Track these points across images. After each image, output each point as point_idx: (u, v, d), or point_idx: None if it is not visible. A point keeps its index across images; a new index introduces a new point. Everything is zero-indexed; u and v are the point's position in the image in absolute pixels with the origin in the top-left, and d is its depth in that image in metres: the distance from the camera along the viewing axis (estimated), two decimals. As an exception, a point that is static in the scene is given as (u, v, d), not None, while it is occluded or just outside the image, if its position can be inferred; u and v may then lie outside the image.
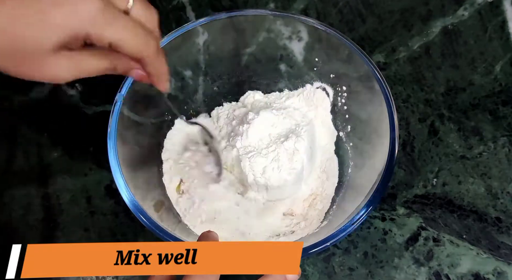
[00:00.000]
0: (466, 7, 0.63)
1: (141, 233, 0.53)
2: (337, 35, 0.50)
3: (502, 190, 0.54)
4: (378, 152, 0.47)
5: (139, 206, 0.43)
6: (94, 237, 0.53)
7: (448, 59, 0.61)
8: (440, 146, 0.57)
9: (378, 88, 0.48)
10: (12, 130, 0.58)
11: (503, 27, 0.62)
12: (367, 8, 0.64)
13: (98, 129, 0.49)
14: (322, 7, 0.64)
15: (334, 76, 0.54)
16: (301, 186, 0.52)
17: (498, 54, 0.61)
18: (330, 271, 0.51)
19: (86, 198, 0.55)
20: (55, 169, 0.56)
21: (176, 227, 0.48)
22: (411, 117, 0.58)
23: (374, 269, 0.51)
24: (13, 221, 0.54)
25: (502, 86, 0.59)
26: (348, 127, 0.54)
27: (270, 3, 0.64)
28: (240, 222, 0.50)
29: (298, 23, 0.52)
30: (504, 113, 0.58)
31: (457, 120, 0.58)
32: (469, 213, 0.53)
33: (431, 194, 0.54)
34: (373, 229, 0.53)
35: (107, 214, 0.54)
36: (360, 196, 0.45)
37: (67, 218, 0.54)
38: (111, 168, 0.45)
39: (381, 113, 0.47)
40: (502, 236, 0.52)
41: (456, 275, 0.51)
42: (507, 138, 0.57)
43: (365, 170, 0.50)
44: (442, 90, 0.59)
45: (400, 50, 0.61)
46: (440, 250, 0.52)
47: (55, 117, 0.59)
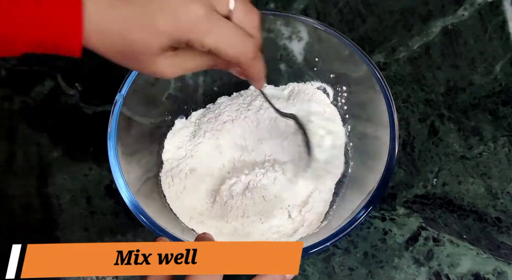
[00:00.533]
0: (466, 7, 0.63)
1: (141, 233, 0.53)
2: (337, 35, 0.50)
3: (502, 190, 0.54)
4: (378, 152, 0.47)
5: (139, 206, 0.44)
6: (94, 237, 0.53)
7: (448, 59, 0.61)
8: (440, 146, 0.57)
9: (378, 88, 0.48)
10: (12, 130, 0.58)
11: (503, 27, 0.62)
12: (367, 8, 0.64)
13: (98, 129, 0.49)
14: (322, 7, 0.64)
15: (334, 76, 0.54)
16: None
17: (498, 54, 0.61)
18: (330, 271, 0.51)
19: (86, 198, 0.55)
20: (55, 169, 0.56)
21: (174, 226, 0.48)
22: (411, 117, 0.58)
23: (374, 269, 0.51)
24: (13, 221, 0.54)
25: (502, 86, 0.59)
26: (348, 127, 0.54)
27: (270, 3, 0.64)
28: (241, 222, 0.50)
29: (298, 23, 0.52)
30: (504, 113, 0.58)
31: (457, 120, 0.58)
32: (469, 213, 0.53)
33: (431, 194, 0.54)
34: (373, 229, 0.53)
35: (107, 214, 0.54)
36: (360, 196, 0.45)
37: (67, 218, 0.54)
38: (111, 168, 0.45)
39: (381, 113, 0.47)
40: (502, 236, 0.52)
41: (456, 275, 0.51)
42: (507, 138, 0.57)
43: (365, 170, 0.50)
44: (442, 90, 0.59)
45: (400, 50, 0.61)
46: (440, 250, 0.52)
47: (55, 117, 0.59)
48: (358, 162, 0.52)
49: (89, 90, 0.60)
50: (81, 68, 0.60)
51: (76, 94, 0.60)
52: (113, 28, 0.32)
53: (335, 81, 0.54)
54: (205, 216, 0.51)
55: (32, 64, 0.61)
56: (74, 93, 0.60)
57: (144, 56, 0.34)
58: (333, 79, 0.54)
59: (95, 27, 0.32)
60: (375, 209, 0.52)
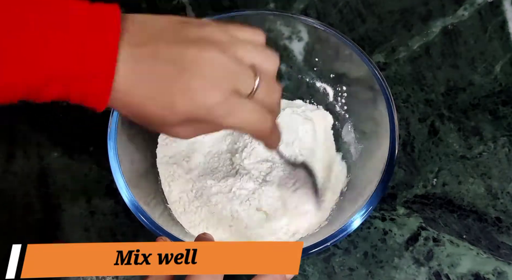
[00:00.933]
0: (466, 7, 0.63)
1: (141, 233, 0.53)
2: (337, 35, 0.50)
3: (502, 190, 0.54)
4: (378, 152, 0.47)
5: (139, 206, 0.44)
6: (94, 237, 0.53)
7: (448, 59, 0.61)
8: (440, 146, 0.57)
9: (378, 88, 0.48)
10: (12, 130, 0.58)
11: (503, 27, 0.62)
12: (367, 8, 0.64)
13: (98, 129, 0.49)
14: (322, 7, 0.64)
15: (334, 76, 0.54)
16: None
17: (498, 54, 0.61)
18: (330, 271, 0.51)
19: (86, 198, 0.55)
20: (55, 169, 0.56)
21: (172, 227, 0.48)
22: (411, 117, 0.58)
23: (374, 269, 0.51)
24: (13, 221, 0.54)
25: (502, 86, 0.59)
26: (348, 127, 0.54)
27: (270, 3, 0.64)
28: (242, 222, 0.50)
29: (298, 23, 0.52)
30: (504, 113, 0.58)
31: (457, 120, 0.58)
32: (469, 213, 0.54)
33: (431, 194, 0.54)
34: (373, 229, 0.53)
35: (107, 214, 0.54)
36: (360, 196, 0.45)
37: (67, 218, 0.54)
38: (111, 168, 0.45)
39: (381, 113, 0.47)
40: (502, 236, 0.52)
41: (456, 275, 0.51)
42: (507, 138, 0.57)
43: (365, 170, 0.50)
44: (442, 90, 0.59)
45: (400, 50, 0.61)
46: (440, 250, 0.52)
47: (55, 117, 0.59)
48: (358, 162, 0.52)
49: (89, 90, 0.60)
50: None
51: (76, 94, 0.60)
52: (135, 99, 0.33)
53: (335, 81, 0.54)
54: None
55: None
56: (74, 93, 0.60)
57: (161, 127, 0.36)
58: (333, 79, 0.54)
59: (119, 95, 0.32)
60: (375, 209, 0.52)
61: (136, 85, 0.33)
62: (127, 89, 0.32)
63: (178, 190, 0.52)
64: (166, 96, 0.33)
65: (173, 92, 0.33)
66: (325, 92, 0.55)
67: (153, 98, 0.33)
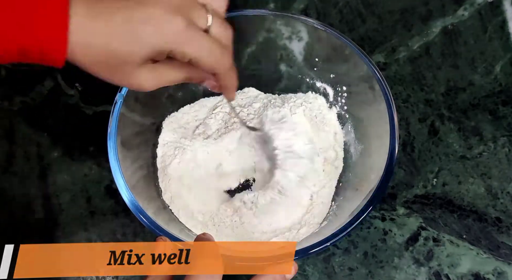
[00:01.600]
0: (466, 7, 0.63)
1: (141, 233, 0.53)
2: (337, 35, 0.50)
3: (502, 190, 0.54)
4: (378, 152, 0.47)
5: (139, 206, 0.43)
6: (94, 237, 0.53)
7: (448, 59, 0.61)
8: (440, 146, 0.57)
9: (378, 88, 0.48)
10: (12, 130, 0.58)
11: (503, 27, 0.62)
12: (367, 8, 0.64)
13: (98, 129, 0.49)
14: (322, 7, 0.64)
15: (334, 76, 0.54)
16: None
17: (498, 54, 0.61)
18: (330, 271, 0.51)
19: (86, 198, 0.55)
20: (55, 169, 0.56)
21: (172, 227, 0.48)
22: (411, 117, 0.58)
23: (374, 269, 0.51)
24: (13, 221, 0.54)
25: (502, 86, 0.59)
26: (348, 127, 0.54)
27: (270, 3, 0.64)
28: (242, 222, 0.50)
29: (298, 23, 0.52)
30: (504, 113, 0.58)
31: (457, 120, 0.58)
32: (469, 213, 0.53)
33: (431, 194, 0.54)
34: (373, 229, 0.53)
35: (107, 214, 0.54)
36: (360, 196, 0.45)
37: (67, 218, 0.54)
38: (111, 168, 0.45)
39: (381, 113, 0.47)
40: (502, 236, 0.52)
41: (456, 275, 0.51)
42: (507, 138, 0.57)
43: (365, 170, 0.50)
44: (442, 90, 0.59)
45: (400, 50, 0.61)
46: (440, 250, 0.52)
47: (55, 117, 0.59)
48: (358, 162, 0.52)
49: (89, 90, 0.60)
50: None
51: (76, 94, 0.60)
52: (97, 40, 0.33)
53: (335, 81, 0.54)
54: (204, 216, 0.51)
55: (32, 64, 0.61)
56: (74, 93, 0.60)
57: (125, 66, 0.35)
58: (333, 79, 0.54)
59: (79, 39, 0.33)
60: (375, 209, 0.52)
61: (95, 24, 0.33)
62: (87, 30, 0.33)
63: (178, 190, 0.52)
64: (132, 27, 0.33)
65: (138, 21, 0.34)
66: (325, 92, 0.55)
67: (116, 33, 0.33)
